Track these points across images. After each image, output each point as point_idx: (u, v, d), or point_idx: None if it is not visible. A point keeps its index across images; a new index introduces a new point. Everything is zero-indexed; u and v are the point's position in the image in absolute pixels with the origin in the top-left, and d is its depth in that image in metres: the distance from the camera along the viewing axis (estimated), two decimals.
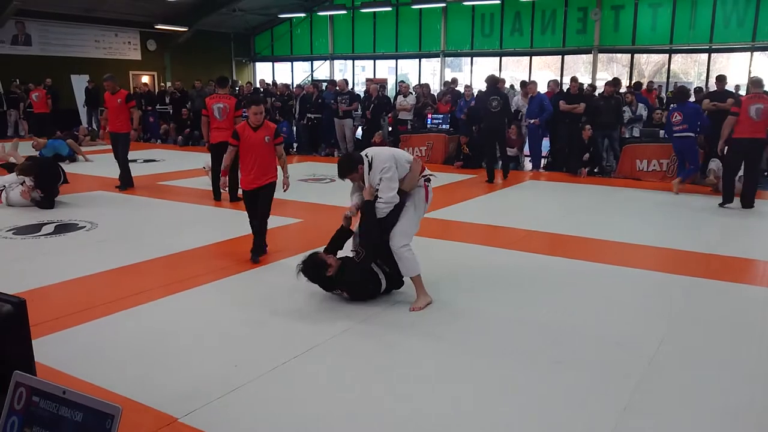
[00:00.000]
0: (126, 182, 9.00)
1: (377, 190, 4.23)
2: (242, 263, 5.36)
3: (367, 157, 4.29)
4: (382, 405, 3.01)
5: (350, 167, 4.34)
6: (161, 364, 3.44)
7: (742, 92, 11.53)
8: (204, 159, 9.31)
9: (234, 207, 7.88)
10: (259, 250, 5.47)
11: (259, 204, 5.49)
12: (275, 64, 24.56)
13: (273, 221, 6.89)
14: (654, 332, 3.90)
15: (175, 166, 11.50)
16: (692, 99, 10.31)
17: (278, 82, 18.18)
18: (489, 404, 3.02)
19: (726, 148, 7.82)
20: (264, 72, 24.52)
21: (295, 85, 17.86)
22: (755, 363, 3.50)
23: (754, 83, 7.93)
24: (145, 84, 20.57)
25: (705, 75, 17.37)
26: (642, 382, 3.25)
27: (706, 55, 17.40)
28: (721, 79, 10.73)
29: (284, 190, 5.84)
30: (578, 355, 3.58)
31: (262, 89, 16.21)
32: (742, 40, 16.15)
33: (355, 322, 4.04)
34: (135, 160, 10.76)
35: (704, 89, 13.35)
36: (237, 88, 18.49)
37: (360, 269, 4.26)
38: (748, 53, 16.53)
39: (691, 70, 20.18)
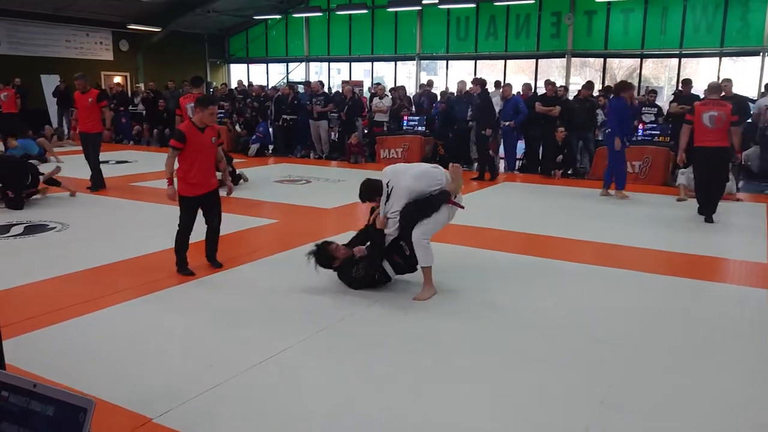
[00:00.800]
0: (97, 183, 8.85)
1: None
2: (209, 265, 5.29)
3: (387, 187, 4.57)
4: (360, 404, 2.99)
5: (370, 195, 4.78)
6: (135, 364, 3.38)
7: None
8: None
9: None
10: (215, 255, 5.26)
11: (214, 210, 5.20)
12: (250, 65, 24.39)
13: (248, 222, 6.87)
14: (632, 330, 3.95)
15: (149, 167, 11.33)
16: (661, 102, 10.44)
17: (254, 84, 18.07)
18: (468, 402, 3.02)
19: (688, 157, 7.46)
20: (239, 73, 24.33)
21: (270, 87, 17.77)
22: (730, 358, 3.56)
23: (711, 89, 7.54)
24: (119, 84, 20.27)
25: (675, 80, 17.68)
26: (619, 377, 3.28)
27: (677, 60, 17.71)
28: (687, 83, 10.96)
29: (228, 194, 5.60)
30: (558, 353, 3.60)
31: (239, 90, 16.10)
32: (711, 46, 16.48)
33: (332, 321, 4.02)
34: (107, 162, 10.58)
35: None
36: (211, 90, 18.34)
37: (358, 277, 4.57)
38: (717, 59, 16.87)
39: (661, 74, 20.54)
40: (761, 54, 16.03)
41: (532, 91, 12.49)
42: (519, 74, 20.66)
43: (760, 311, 4.32)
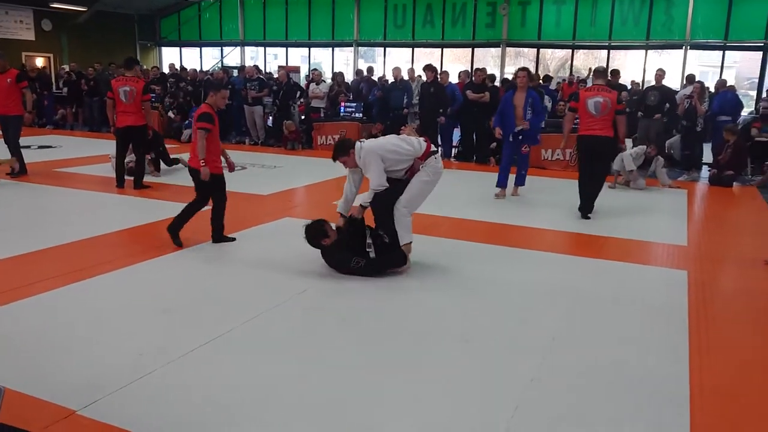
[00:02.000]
0: (18, 168, 8.40)
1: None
2: (148, 250, 5.14)
3: (360, 143, 4.83)
4: (292, 390, 2.97)
5: (342, 151, 4.85)
6: (60, 355, 3.24)
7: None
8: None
9: (140, 194, 7.54)
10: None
11: (223, 191, 5.55)
12: (183, 49, 23.66)
13: (179, 208, 6.68)
14: (559, 310, 4.07)
15: (74, 152, 10.86)
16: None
17: (187, 68, 17.53)
18: (398, 384, 3.04)
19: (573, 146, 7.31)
20: (171, 57, 23.52)
21: (204, 71, 17.31)
22: (650, 336, 3.72)
23: (597, 73, 7.16)
24: (43, 67, 19.26)
25: (610, 70, 18.24)
26: (546, 357, 3.38)
27: (606, 51, 18.31)
28: (614, 74, 11.36)
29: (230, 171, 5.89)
30: (486, 334, 3.67)
31: (171, 74, 15.60)
32: (638, 39, 17.11)
33: (268, 306, 3.96)
34: (28, 146, 10.06)
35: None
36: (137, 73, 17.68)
37: (343, 258, 4.62)
38: (643, 51, 17.54)
39: (592, 65, 21.15)
40: (684, 47, 16.75)
41: (470, 78, 12.61)
42: (456, 63, 20.86)
43: (680, 291, 4.52)
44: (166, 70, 17.80)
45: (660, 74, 10.66)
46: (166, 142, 9.80)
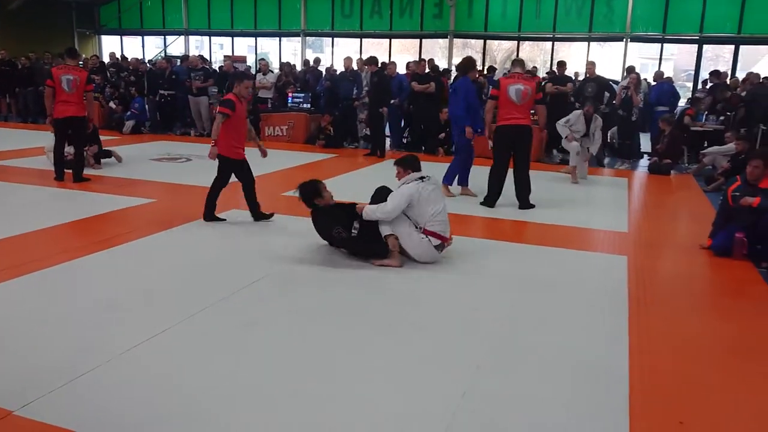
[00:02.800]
0: None
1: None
2: (89, 245, 4.98)
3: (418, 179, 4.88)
4: (238, 383, 2.93)
5: (407, 164, 5.09)
6: None
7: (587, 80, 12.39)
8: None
9: (80, 187, 7.29)
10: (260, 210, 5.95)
11: (247, 171, 6.01)
12: (124, 37, 22.94)
13: (123, 201, 6.51)
14: (505, 296, 4.15)
15: (7, 144, 10.41)
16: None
17: (128, 57, 17.00)
18: (348, 371, 3.05)
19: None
20: (111, 46, 22.78)
21: (147, 60, 16.82)
22: (592, 319, 3.83)
23: (515, 63, 7.15)
24: None
25: (550, 62, 18.62)
26: (495, 343, 3.44)
27: (551, 43, 18.66)
28: (561, 65, 11.58)
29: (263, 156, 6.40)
30: (437, 321, 3.71)
31: (112, 63, 15.10)
32: (581, 31, 17.49)
33: (212, 300, 3.89)
34: None
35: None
36: (81, 63, 17.05)
37: (327, 223, 4.81)
38: (586, 43, 17.95)
39: (537, 57, 21.57)
40: (624, 40, 17.22)
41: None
42: (404, 53, 20.91)
43: (620, 275, 4.67)
44: (106, 59, 17.23)
45: (591, 66, 10.94)
46: (107, 134, 9.52)
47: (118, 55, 17.48)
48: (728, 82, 12.41)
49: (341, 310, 3.87)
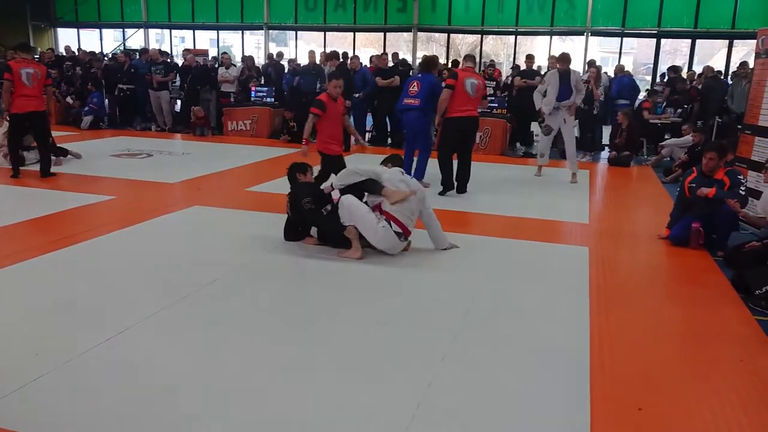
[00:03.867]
0: None
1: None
2: (47, 243, 4.85)
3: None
4: (199, 384, 2.89)
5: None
6: None
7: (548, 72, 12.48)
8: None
9: (37, 185, 7.08)
10: None
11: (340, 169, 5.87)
12: (80, 30, 22.35)
13: (82, 199, 6.36)
14: (470, 289, 4.17)
15: None
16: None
17: (86, 50, 16.57)
18: (313, 364, 3.03)
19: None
20: (68, 39, 22.15)
21: (104, 54, 16.43)
22: (554, 309, 3.89)
23: (467, 57, 7.53)
24: None
25: (513, 56, 18.79)
26: (458, 334, 3.46)
27: (513, 37, 18.83)
28: (530, 58, 11.70)
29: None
30: (401, 315, 3.72)
31: (66, 56, 14.70)
32: (543, 25, 17.69)
33: (174, 298, 3.83)
34: None
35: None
36: (36, 56, 16.57)
37: (300, 193, 4.91)
38: (548, 37, 18.16)
39: (501, 51, 21.77)
40: (585, 34, 17.48)
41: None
42: (368, 47, 20.86)
43: (582, 266, 4.75)
44: (62, 51, 16.79)
45: (553, 61, 11.06)
46: (64, 130, 9.29)
47: (75, 49, 17.05)
48: (685, 76, 12.70)
49: (305, 305, 3.85)
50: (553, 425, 2.63)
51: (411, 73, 11.55)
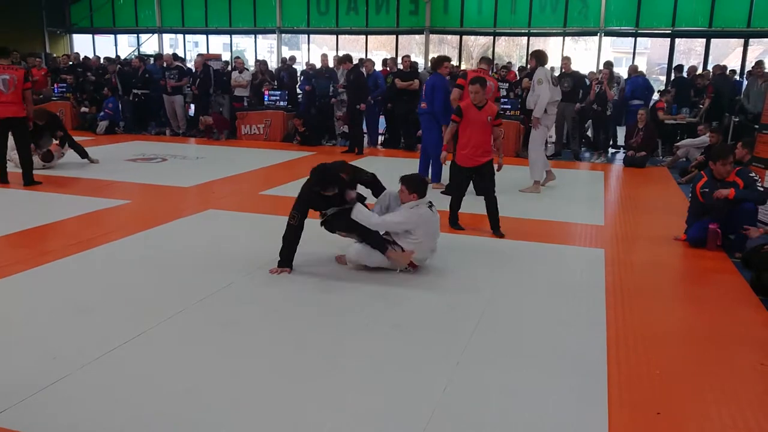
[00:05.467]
0: None
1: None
2: (64, 248, 4.89)
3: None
4: (218, 387, 2.90)
5: (410, 184, 4.55)
6: None
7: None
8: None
9: (58, 189, 7.13)
10: (496, 225, 5.63)
11: (483, 181, 5.80)
12: (96, 36, 22.55)
13: (98, 203, 6.41)
14: (485, 292, 4.15)
15: None
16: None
17: (101, 56, 16.72)
18: (328, 370, 3.03)
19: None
20: (83, 45, 22.39)
21: (120, 59, 16.55)
22: (570, 311, 3.86)
23: (481, 60, 7.72)
24: None
25: (525, 57, 18.70)
26: (474, 338, 3.44)
27: (526, 38, 18.74)
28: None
29: (497, 171, 5.78)
30: (415, 319, 3.71)
31: (76, 63, 14.80)
32: (556, 26, 17.59)
33: (190, 302, 3.85)
34: None
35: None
36: (15, 61, 16.65)
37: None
38: (561, 38, 18.06)
39: (513, 52, 21.69)
40: (599, 35, 17.36)
41: (397, 66, 12.64)
42: (380, 50, 20.89)
43: (598, 268, 4.71)
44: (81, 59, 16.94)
45: (566, 62, 11.01)
46: (80, 134, 9.38)
47: (91, 55, 17.20)
48: (702, 73, 12.58)
49: (319, 308, 3.85)
50: (570, 430, 2.61)
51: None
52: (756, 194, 5.19)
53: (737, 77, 13.45)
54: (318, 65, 12.18)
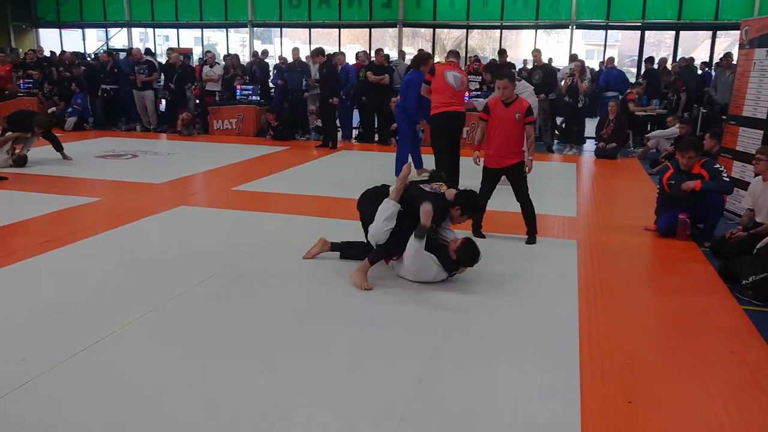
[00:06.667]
0: None
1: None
2: (32, 247, 4.79)
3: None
4: (189, 386, 2.87)
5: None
6: None
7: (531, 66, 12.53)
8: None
9: (24, 187, 6.97)
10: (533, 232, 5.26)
11: (515, 184, 5.31)
12: (63, 30, 22.09)
13: (66, 201, 6.29)
14: (459, 284, 4.17)
15: None
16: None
17: (68, 51, 16.37)
18: (302, 364, 3.02)
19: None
20: (50, 40, 21.93)
21: (87, 54, 16.25)
22: (543, 301, 3.90)
23: (450, 53, 7.24)
24: None
25: (498, 50, 18.77)
26: (449, 330, 3.46)
27: (499, 31, 18.83)
28: (502, 53, 11.75)
29: (527, 173, 5.32)
30: (389, 313, 3.71)
31: (42, 58, 14.48)
32: (527, 18, 17.70)
33: (162, 300, 3.79)
34: None
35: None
36: (21, 55, 16.35)
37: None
38: (533, 30, 18.19)
39: (486, 45, 21.75)
40: (570, 27, 17.51)
41: (369, 60, 12.57)
42: (354, 43, 20.82)
43: (570, 258, 4.77)
44: (47, 53, 16.57)
45: (537, 54, 11.10)
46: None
47: (58, 49, 16.84)
48: (670, 67, 12.76)
49: (293, 305, 3.82)
50: (543, 420, 2.63)
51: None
52: (722, 185, 5.29)
53: (707, 69, 13.67)
54: (290, 59, 12.07)
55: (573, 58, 11.65)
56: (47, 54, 15.39)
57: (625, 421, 2.65)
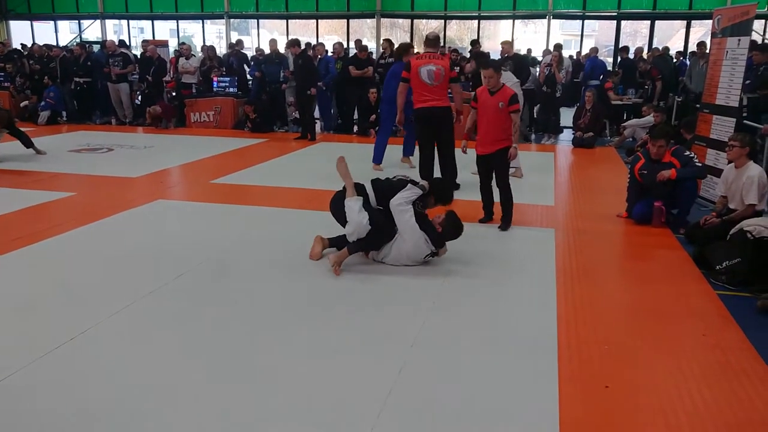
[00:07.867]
0: None
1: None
2: (5, 243, 4.71)
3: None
4: (168, 384, 2.85)
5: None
6: None
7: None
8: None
9: None
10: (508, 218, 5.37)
11: (496, 169, 5.38)
12: (34, 23, 21.66)
13: (40, 196, 6.20)
14: (439, 274, 4.19)
15: None
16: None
17: (39, 44, 16.05)
18: (283, 355, 3.01)
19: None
20: (21, 32, 21.49)
21: (61, 47, 15.95)
22: (522, 290, 3.93)
23: (428, 41, 6.65)
24: None
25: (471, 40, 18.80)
26: (429, 319, 3.47)
27: (477, 21, 18.85)
28: (474, 44, 11.76)
29: (510, 159, 5.28)
30: (369, 303, 3.71)
31: (13, 50, 14.22)
32: (505, 9, 17.75)
33: (140, 295, 3.76)
34: None
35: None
36: None
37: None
38: (511, 21, 18.24)
39: (465, 36, 21.76)
40: (547, 17, 17.59)
41: (344, 50, 12.52)
42: (332, 34, 20.69)
43: (548, 247, 4.81)
44: (18, 46, 16.27)
45: (506, 45, 11.07)
46: (20, 126, 9.01)
47: (30, 42, 16.52)
48: (645, 56, 12.90)
49: (272, 297, 3.81)
50: (522, 406, 2.66)
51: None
52: (695, 170, 5.39)
53: (682, 58, 13.83)
54: (267, 51, 11.96)
55: (557, 47, 11.64)
56: (18, 47, 15.10)
57: (603, 405, 2.69)
